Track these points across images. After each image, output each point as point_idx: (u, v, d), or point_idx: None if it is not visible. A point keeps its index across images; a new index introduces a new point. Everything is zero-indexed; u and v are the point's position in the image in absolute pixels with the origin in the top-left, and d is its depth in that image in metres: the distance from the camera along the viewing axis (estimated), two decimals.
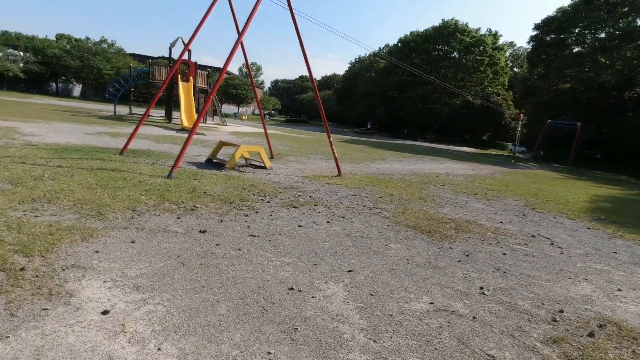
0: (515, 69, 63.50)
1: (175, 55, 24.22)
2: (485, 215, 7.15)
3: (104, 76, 44.47)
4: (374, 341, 2.57)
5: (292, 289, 3.19)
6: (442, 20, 53.97)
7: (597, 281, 4.34)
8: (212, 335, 2.42)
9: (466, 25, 52.81)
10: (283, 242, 4.29)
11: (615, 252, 5.69)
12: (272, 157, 11.45)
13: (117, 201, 4.93)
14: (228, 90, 49.31)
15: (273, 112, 77.64)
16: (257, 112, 72.02)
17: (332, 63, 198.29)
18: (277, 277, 3.40)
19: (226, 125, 26.27)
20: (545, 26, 37.51)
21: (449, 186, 10.35)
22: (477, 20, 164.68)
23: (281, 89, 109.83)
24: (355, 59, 78.52)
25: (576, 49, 37.33)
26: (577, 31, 36.24)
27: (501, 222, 6.72)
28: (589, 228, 7.21)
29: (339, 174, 9.76)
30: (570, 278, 4.32)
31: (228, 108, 55.14)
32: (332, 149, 9.81)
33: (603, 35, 34.76)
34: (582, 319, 3.30)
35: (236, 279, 3.26)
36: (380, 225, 5.51)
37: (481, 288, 3.68)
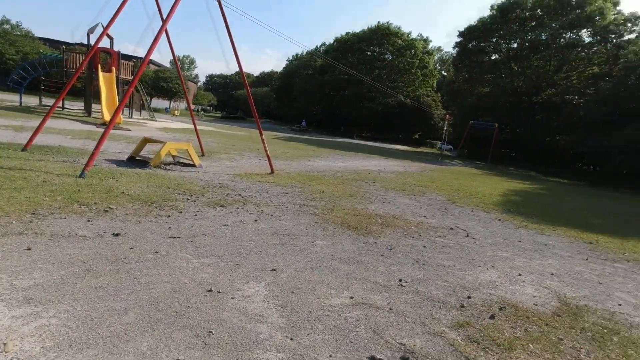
0: (443, 73, 67.80)
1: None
2: (410, 210, 7.53)
3: (6, 62, 39.42)
4: (291, 339, 2.57)
5: (210, 290, 3.07)
6: (378, 22, 55.99)
7: (502, 268, 4.76)
8: (115, 347, 2.24)
9: (399, 28, 55.33)
10: (206, 243, 4.12)
11: (520, 241, 6.31)
12: (202, 155, 11.01)
13: (12, 204, 4.38)
14: (158, 83, 46.50)
15: (208, 107, 74.72)
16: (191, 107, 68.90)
17: (271, 60, 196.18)
18: (195, 279, 3.25)
19: (155, 120, 24.76)
20: (468, 34, 40.52)
21: (380, 183, 10.76)
22: (408, 25, 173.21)
23: (217, 84, 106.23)
24: (293, 56, 78.40)
25: (494, 57, 40.85)
26: (494, 40, 39.68)
27: (424, 217, 7.12)
28: (500, 220, 7.91)
29: (272, 171, 9.67)
30: (480, 266, 4.70)
31: (159, 103, 52.09)
32: (264, 147, 9.69)
33: (515, 45, 38.46)
34: (486, 303, 3.60)
35: (150, 284, 3.06)
36: (308, 222, 5.55)
37: (400, 280, 3.86)
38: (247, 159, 12.00)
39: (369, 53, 54.24)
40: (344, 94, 54.64)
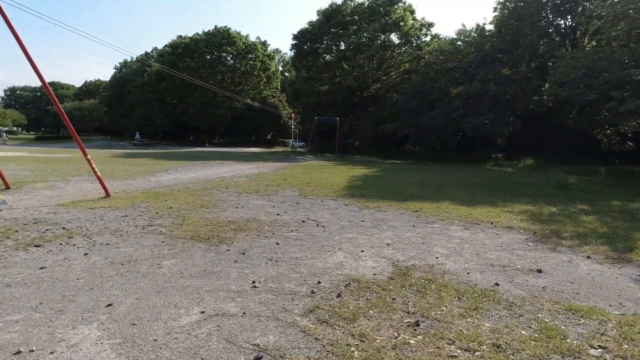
0: (286, 74, 70.76)
1: None
2: (264, 211, 7.63)
3: None
4: None
5: (19, 352, 2.51)
6: (215, 26, 54.70)
7: (348, 248, 5.25)
8: None
9: (238, 33, 55.23)
10: (12, 296, 3.35)
11: (362, 221, 7.06)
12: (7, 188, 8.95)
13: None
14: None
15: (15, 128, 61.16)
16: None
17: (93, 67, 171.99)
18: None
19: None
20: (301, 36, 43.21)
21: (233, 188, 10.61)
22: (245, 29, 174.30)
23: (23, 99, 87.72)
24: (121, 63, 70.42)
25: (327, 57, 44.65)
26: (325, 43, 43.36)
27: (278, 214, 7.31)
28: (346, 205, 8.70)
29: (107, 194, 8.51)
30: (328, 251, 5.08)
31: None
32: (92, 167, 8.43)
33: (343, 47, 42.85)
34: (334, 284, 3.91)
35: None
36: (153, 243, 5.08)
37: (253, 282, 3.86)
38: (75, 185, 10.29)
39: (209, 57, 52.66)
40: (188, 100, 51.87)
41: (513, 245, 5.69)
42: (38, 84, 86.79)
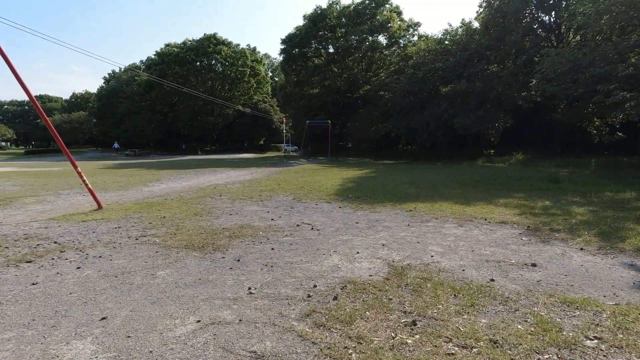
0: (275, 78, 70.80)
1: None
2: (258, 216, 7.60)
3: None
4: None
5: None
6: (204, 34, 54.65)
7: (343, 250, 5.24)
8: None
9: (225, 39, 55.25)
10: (2, 314, 3.29)
11: (357, 222, 7.06)
12: None
13: None
14: None
15: (3, 143, 60.54)
16: None
17: (81, 78, 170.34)
18: None
19: None
20: (289, 41, 43.35)
21: (226, 195, 10.56)
22: (233, 38, 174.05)
23: (11, 113, 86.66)
24: (109, 74, 69.94)
25: (316, 61, 44.80)
26: (314, 46, 43.51)
27: (272, 219, 7.29)
28: (340, 207, 8.70)
29: (99, 207, 8.43)
30: (323, 254, 5.06)
31: None
32: (83, 180, 8.34)
33: (332, 50, 43.02)
34: (330, 287, 3.89)
35: None
36: (147, 254, 5.03)
37: (249, 289, 3.84)
38: (66, 198, 10.17)
39: (198, 64, 52.57)
40: (179, 109, 51.71)
41: (507, 240, 5.72)
42: (25, 97, 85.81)
